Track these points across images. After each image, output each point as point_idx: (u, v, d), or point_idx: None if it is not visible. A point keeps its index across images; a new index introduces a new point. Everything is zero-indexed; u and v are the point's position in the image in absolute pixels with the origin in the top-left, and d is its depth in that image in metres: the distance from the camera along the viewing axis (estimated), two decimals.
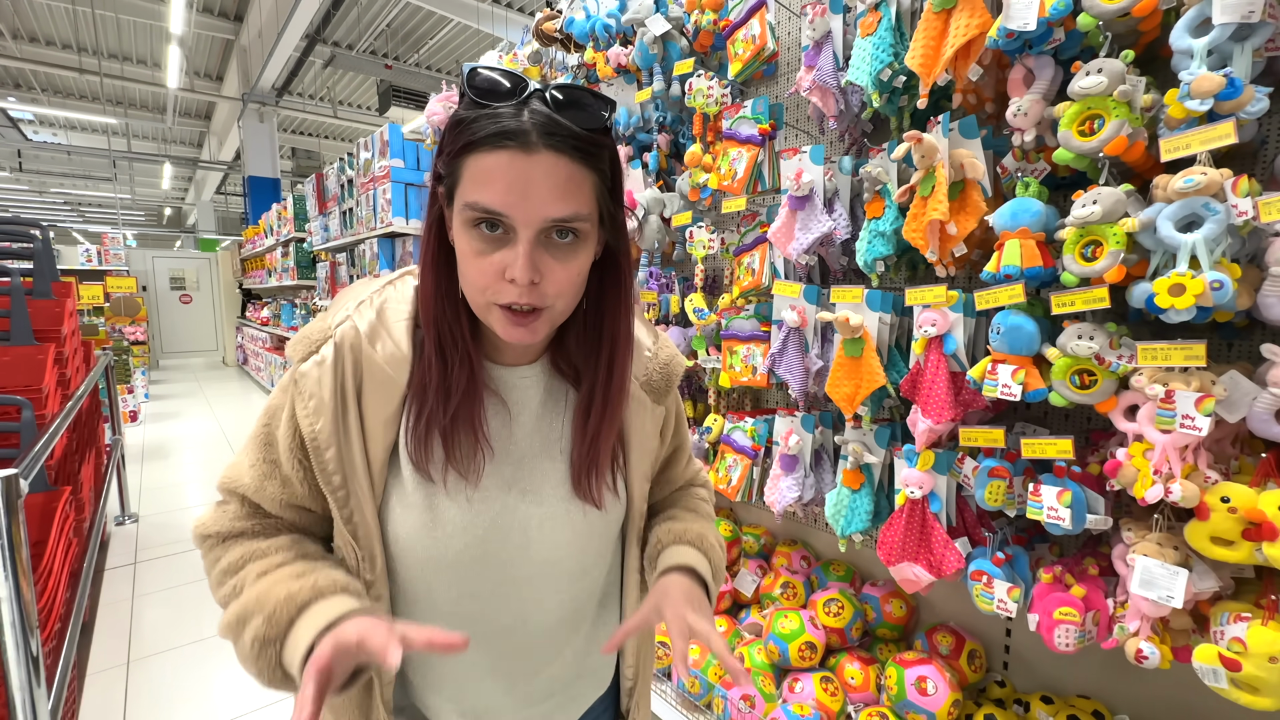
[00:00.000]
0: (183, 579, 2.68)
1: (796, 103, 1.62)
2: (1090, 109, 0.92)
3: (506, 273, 0.51)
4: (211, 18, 8.41)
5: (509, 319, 0.53)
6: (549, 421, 0.64)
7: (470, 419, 0.58)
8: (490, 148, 0.49)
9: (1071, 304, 0.94)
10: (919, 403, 1.14)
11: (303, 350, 0.58)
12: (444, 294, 0.57)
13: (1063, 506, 0.97)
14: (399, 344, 0.58)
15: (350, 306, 0.60)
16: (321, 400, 0.56)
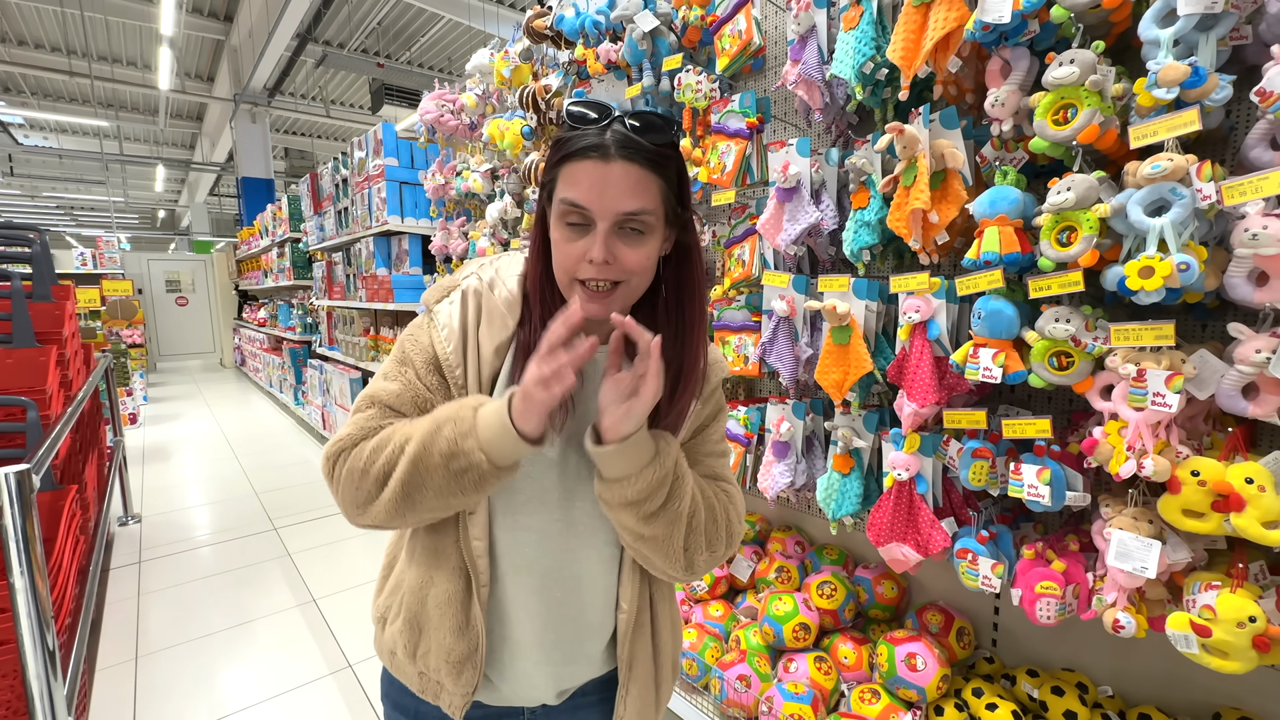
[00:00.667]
0: (187, 577, 2.71)
1: (784, 96, 1.65)
2: (1064, 98, 0.95)
3: (586, 255, 0.64)
4: (201, 18, 8.37)
5: (586, 294, 0.66)
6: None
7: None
8: (578, 158, 0.63)
9: (1048, 288, 0.98)
10: (905, 387, 1.17)
11: (437, 295, 0.75)
12: (543, 274, 0.71)
13: (1042, 484, 1.00)
14: (512, 291, 0.73)
15: (473, 268, 0.76)
16: (452, 329, 0.71)
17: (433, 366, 0.72)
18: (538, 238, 0.71)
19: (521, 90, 2.07)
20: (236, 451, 4.87)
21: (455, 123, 2.65)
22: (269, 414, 6.47)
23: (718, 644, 1.56)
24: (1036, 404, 1.28)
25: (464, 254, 2.79)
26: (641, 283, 0.68)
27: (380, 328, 3.91)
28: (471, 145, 2.69)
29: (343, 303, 4.22)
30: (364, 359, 4.01)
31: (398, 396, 0.71)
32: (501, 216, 2.46)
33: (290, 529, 3.24)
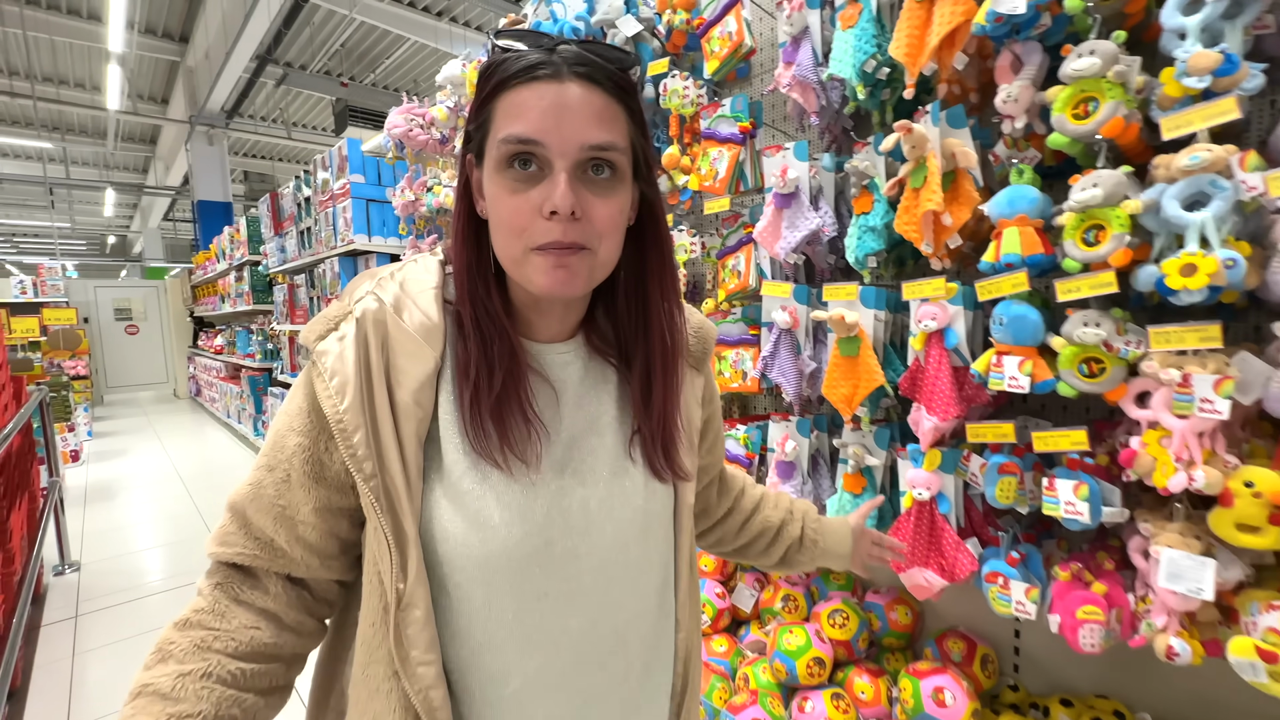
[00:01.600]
0: (130, 631, 2.46)
1: (772, 102, 1.60)
2: (1084, 91, 0.91)
3: (545, 206, 0.49)
4: (155, 39, 8.11)
5: (550, 261, 0.50)
6: (593, 399, 0.61)
7: (518, 397, 0.54)
8: (522, 81, 0.49)
9: (1077, 290, 0.92)
10: (922, 400, 1.10)
11: (319, 329, 0.54)
12: (476, 267, 0.55)
13: (1080, 500, 0.93)
14: (428, 313, 0.54)
15: (369, 285, 0.56)
16: (345, 376, 0.51)
17: (311, 458, 0.52)
18: (462, 221, 0.55)
19: None
20: (190, 488, 4.56)
21: (425, 137, 2.54)
22: (226, 446, 6.13)
23: (725, 684, 1.44)
24: (1052, 413, 1.22)
25: None
26: (610, 253, 0.54)
27: None
28: (443, 160, 2.59)
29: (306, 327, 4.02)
30: None
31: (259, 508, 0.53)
32: None
33: None
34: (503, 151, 0.49)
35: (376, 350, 0.51)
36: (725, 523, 0.85)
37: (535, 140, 0.48)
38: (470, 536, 0.51)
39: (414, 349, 0.52)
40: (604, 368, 0.62)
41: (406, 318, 0.53)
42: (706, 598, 1.58)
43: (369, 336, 0.52)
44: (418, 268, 0.58)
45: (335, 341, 0.52)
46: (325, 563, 0.56)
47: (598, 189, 0.51)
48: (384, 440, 0.50)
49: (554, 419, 0.57)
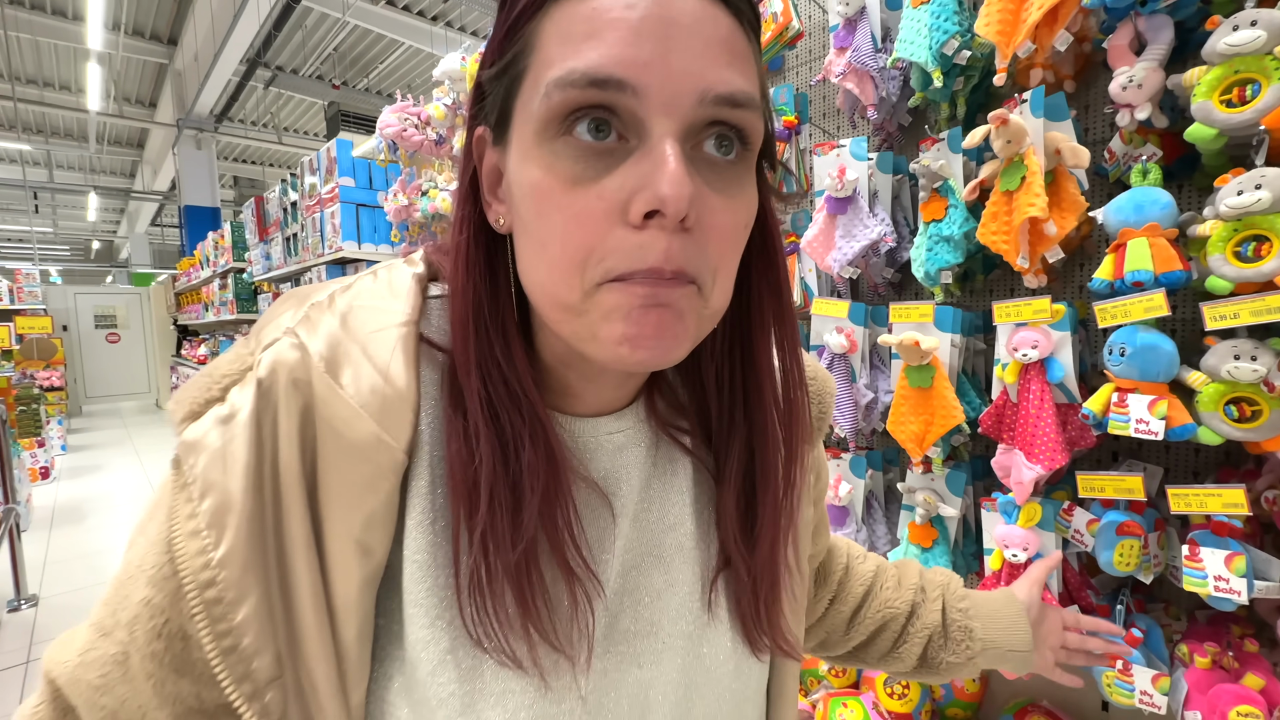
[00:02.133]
0: None
1: (819, 94, 1.43)
2: (1239, 72, 0.74)
3: (638, 200, 0.27)
4: (142, 40, 7.91)
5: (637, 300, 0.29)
6: (658, 508, 0.39)
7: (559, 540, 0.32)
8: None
9: (1235, 316, 0.74)
10: (1018, 444, 0.92)
11: (194, 399, 0.31)
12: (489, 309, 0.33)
13: (1235, 575, 0.76)
14: (389, 372, 0.31)
15: (289, 316, 0.33)
16: (226, 497, 0.29)
17: (169, 631, 0.30)
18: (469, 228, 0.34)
19: None
20: None
21: (420, 137, 2.36)
22: None
23: None
24: (1151, 454, 1.04)
25: None
26: (724, 293, 0.33)
27: None
28: (439, 162, 2.41)
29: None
30: None
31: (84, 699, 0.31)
32: None
33: None
34: (557, 105, 0.28)
35: (292, 439, 0.29)
36: (827, 619, 0.63)
37: (622, 81, 0.27)
38: None
39: (359, 444, 0.30)
40: (672, 452, 0.41)
41: (349, 380, 0.31)
42: None
43: (279, 418, 0.29)
44: (376, 287, 0.35)
45: (216, 428, 0.30)
46: None
47: (719, 182, 0.30)
48: (301, 612, 0.29)
49: (604, 551, 0.36)
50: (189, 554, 0.28)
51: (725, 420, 0.39)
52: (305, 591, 0.29)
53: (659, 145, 0.28)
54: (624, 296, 0.29)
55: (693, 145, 0.30)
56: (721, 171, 0.31)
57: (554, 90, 0.28)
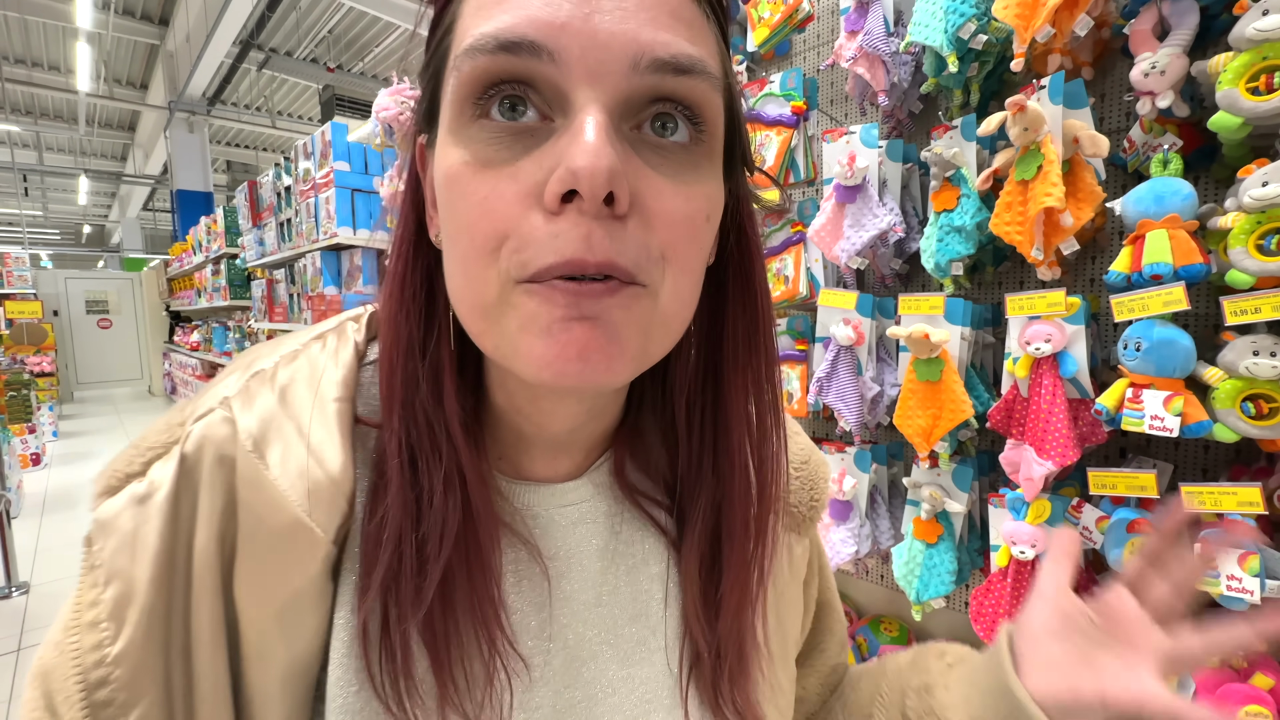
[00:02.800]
0: None
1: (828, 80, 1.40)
2: (1267, 59, 0.71)
3: (552, 180, 0.23)
4: (133, 21, 7.76)
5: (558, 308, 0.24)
6: (624, 592, 0.35)
7: (474, 600, 0.29)
8: None
9: (1256, 311, 0.73)
10: (1028, 439, 0.91)
11: (115, 473, 0.28)
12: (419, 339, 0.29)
13: (1249, 575, 0.74)
14: (320, 453, 0.28)
15: (231, 383, 0.30)
16: (130, 585, 0.25)
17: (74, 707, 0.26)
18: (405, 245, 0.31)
19: None
20: None
21: None
22: None
23: None
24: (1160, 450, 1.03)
25: None
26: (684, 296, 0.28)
27: None
28: None
29: (285, 325, 3.76)
30: None
31: None
32: None
33: None
34: (468, 77, 0.25)
35: (210, 527, 0.26)
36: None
37: (535, 44, 0.23)
38: None
39: (286, 526, 0.27)
40: (644, 527, 0.36)
41: (277, 461, 0.27)
42: None
43: (199, 498, 0.26)
44: (319, 356, 0.31)
45: (130, 508, 0.26)
46: None
47: (666, 162, 0.26)
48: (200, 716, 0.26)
49: (544, 633, 0.32)
50: (84, 648, 0.25)
51: (693, 469, 0.35)
52: (207, 691, 0.26)
53: (580, 114, 0.24)
54: (542, 304, 0.25)
55: (632, 125, 0.26)
56: (670, 154, 0.26)
57: (464, 61, 0.25)
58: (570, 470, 0.35)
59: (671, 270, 0.27)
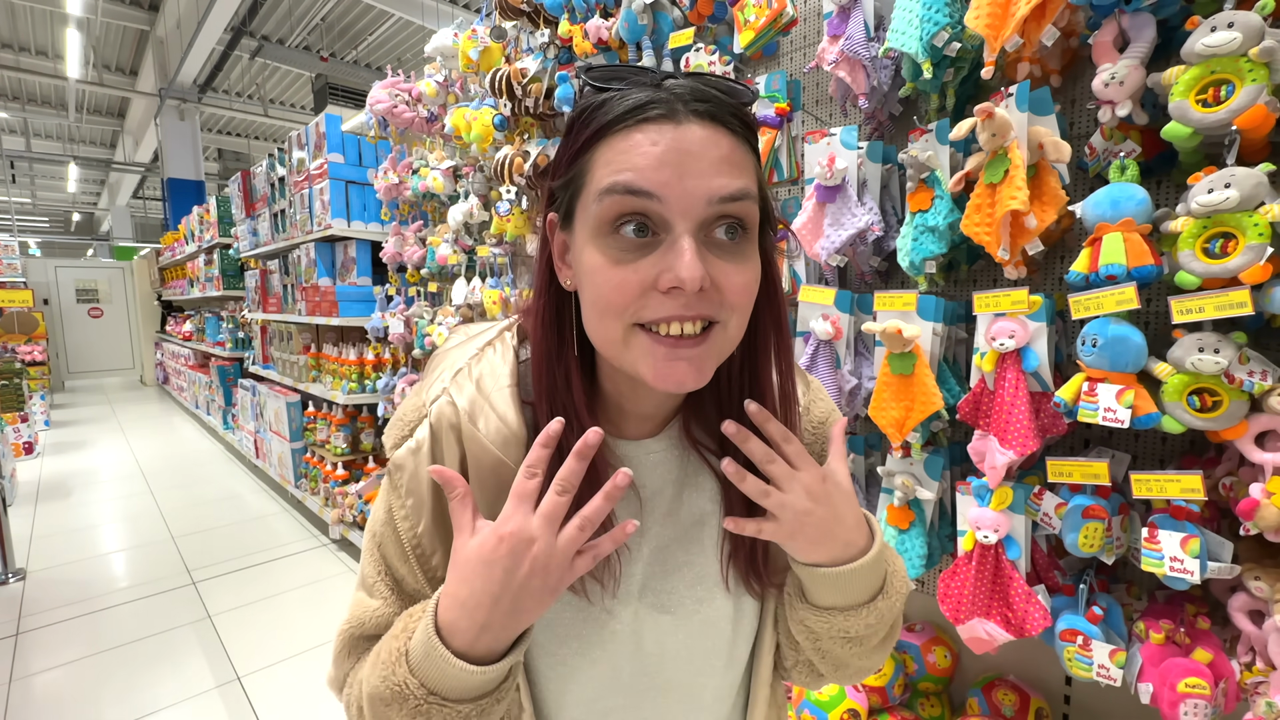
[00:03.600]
0: (82, 649, 2.25)
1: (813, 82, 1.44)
2: (1215, 73, 0.76)
3: (663, 279, 0.39)
4: (123, 6, 7.66)
5: (665, 347, 0.41)
6: (688, 507, 0.53)
7: None
8: (630, 124, 0.40)
9: (1200, 310, 0.77)
10: (992, 430, 0.96)
11: (396, 435, 0.49)
12: (556, 354, 0.47)
13: (1190, 557, 0.80)
14: (506, 419, 0.47)
15: (446, 378, 0.50)
16: (420, 498, 0.47)
17: (406, 557, 0.49)
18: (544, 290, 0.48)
19: (493, 74, 1.79)
20: (152, 485, 4.30)
21: (411, 114, 2.33)
22: (194, 439, 5.85)
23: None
24: (1121, 442, 1.08)
25: (421, 262, 2.46)
26: (739, 330, 0.45)
27: (323, 344, 3.50)
28: (430, 140, 2.39)
29: (279, 316, 3.78)
30: (303, 379, 3.58)
31: (378, 620, 0.49)
32: (466, 220, 2.16)
33: (212, 583, 2.79)
34: (606, 209, 0.40)
35: (454, 463, 0.47)
36: None
37: (649, 192, 0.39)
38: (536, 659, 0.49)
39: (492, 462, 0.46)
40: (701, 467, 0.54)
41: (483, 426, 0.47)
42: None
43: (445, 447, 0.47)
44: (494, 359, 0.51)
45: (410, 455, 0.48)
46: None
47: (728, 254, 0.42)
48: None
49: (639, 535, 0.51)
50: (404, 529, 0.48)
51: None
52: None
53: (680, 240, 0.39)
54: (653, 345, 0.41)
55: (706, 234, 0.41)
56: (729, 249, 0.42)
57: (602, 197, 0.40)
58: (652, 430, 0.53)
59: (735, 313, 0.43)
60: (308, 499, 3.47)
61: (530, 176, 1.77)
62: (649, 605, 0.50)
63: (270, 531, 3.40)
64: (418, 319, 2.43)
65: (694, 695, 0.53)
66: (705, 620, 0.52)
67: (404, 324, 2.47)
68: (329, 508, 3.20)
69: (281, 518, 3.63)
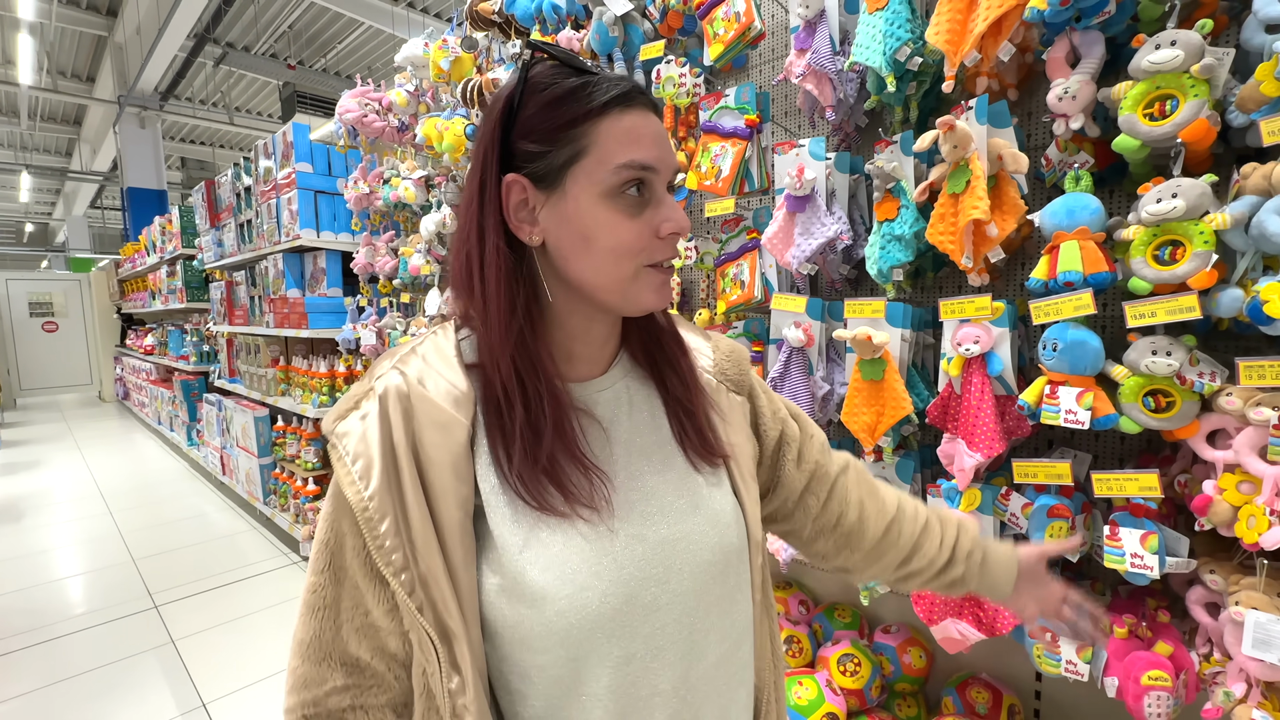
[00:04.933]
0: (38, 680, 2.14)
1: (782, 94, 1.46)
2: (1160, 88, 0.80)
3: (665, 227, 0.50)
4: (78, 10, 7.43)
5: (661, 279, 0.52)
6: (646, 428, 0.57)
7: (569, 449, 0.50)
8: (629, 106, 0.49)
9: (1152, 315, 0.81)
10: (960, 433, 0.98)
11: (339, 411, 0.51)
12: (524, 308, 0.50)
13: (1149, 553, 0.82)
14: (454, 382, 0.51)
15: (390, 362, 0.53)
16: (369, 458, 0.47)
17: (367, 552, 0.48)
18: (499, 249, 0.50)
19: (465, 84, 1.79)
20: (111, 506, 4.13)
21: (382, 124, 2.31)
22: (156, 457, 5.64)
23: None
24: (1083, 443, 1.12)
25: (393, 272, 2.43)
26: None
27: (292, 357, 3.42)
28: (401, 149, 2.36)
29: (246, 329, 3.68)
30: (272, 393, 3.48)
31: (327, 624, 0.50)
32: (439, 230, 2.14)
33: (176, 606, 2.68)
34: (622, 177, 0.48)
35: (401, 426, 0.48)
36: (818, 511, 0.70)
37: (653, 167, 0.49)
38: (545, 611, 0.47)
39: (444, 419, 0.49)
40: (647, 389, 0.59)
41: (432, 387, 0.50)
42: None
43: (391, 412, 0.48)
44: (437, 338, 0.55)
45: (357, 421, 0.49)
46: None
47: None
48: (415, 526, 0.46)
49: (609, 460, 0.54)
50: (351, 495, 0.47)
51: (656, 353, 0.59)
52: (418, 511, 0.46)
53: (664, 198, 0.51)
54: (656, 275, 0.51)
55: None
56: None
57: (623, 169, 0.48)
58: (598, 371, 0.57)
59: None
60: (277, 515, 3.37)
61: None
62: (639, 521, 0.52)
63: (237, 550, 3.29)
64: (390, 330, 2.40)
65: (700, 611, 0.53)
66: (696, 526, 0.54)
67: (376, 335, 2.43)
68: (300, 524, 3.11)
69: (249, 536, 3.51)
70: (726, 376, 0.63)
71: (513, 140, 0.49)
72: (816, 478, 0.67)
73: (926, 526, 0.69)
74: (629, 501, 0.52)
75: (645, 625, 0.50)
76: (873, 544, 0.68)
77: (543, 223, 0.50)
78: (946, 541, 0.69)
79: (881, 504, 0.69)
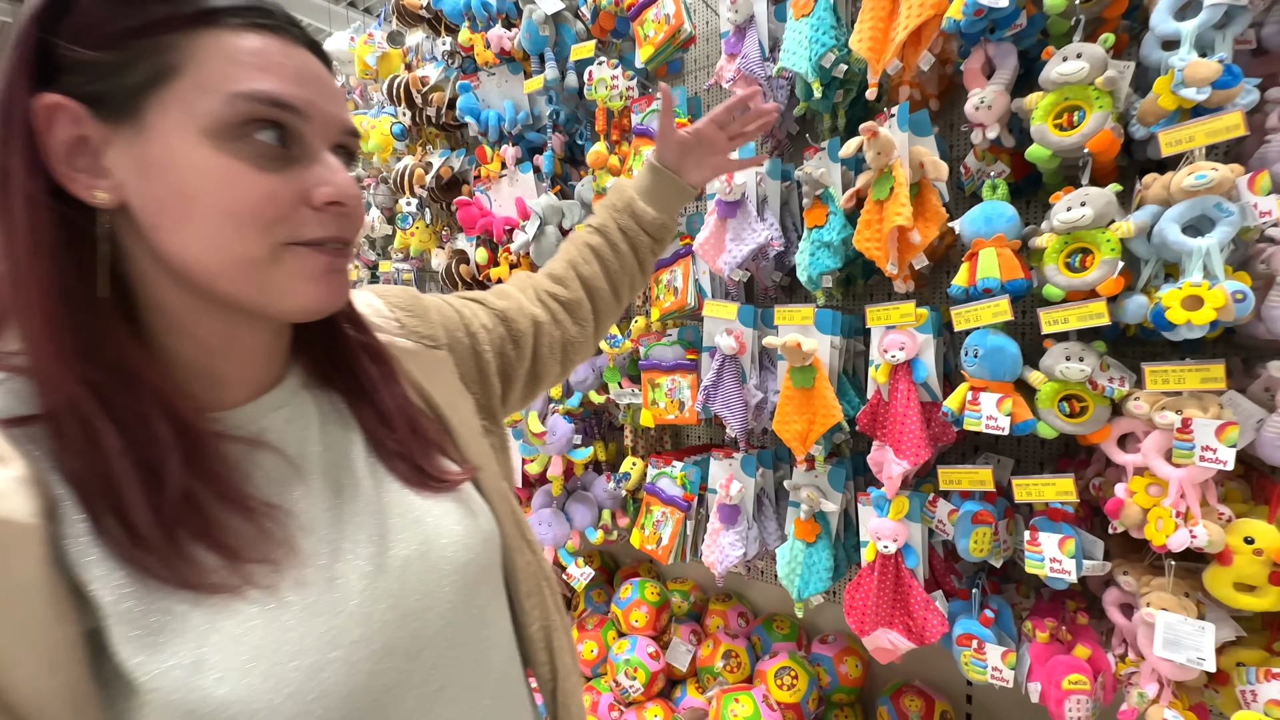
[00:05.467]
0: None
1: (714, 98, 1.45)
2: (1068, 100, 0.81)
3: (319, 193, 0.37)
4: None
5: (322, 265, 0.39)
6: (343, 449, 0.46)
7: (219, 489, 0.36)
8: (243, 22, 0.35)
9: (1065, 321, 0.82)
10: (888, 440, 0.97)
11: None
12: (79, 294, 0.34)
13: (1067, 557, 0.83)
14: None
15: None
16: None
17: None
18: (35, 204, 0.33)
19: (391, 81, 1.70)
20: None
21: None
22: None
23: None
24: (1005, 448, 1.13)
25: None
26: None
27: None
28: None
29: None
30: None
31: None
32: (368, 234, 2.03)
33: None
34: (238, 112, 0.34)
35: None
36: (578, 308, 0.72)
37: (295, 108, 0.36)
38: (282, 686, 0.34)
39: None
40: (333, 400, 0.48)
41: None
42: (638, 660, 1.38)
43: None
44: None
45: None
46: None
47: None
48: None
49: (304, 488, 0.41)
50: None
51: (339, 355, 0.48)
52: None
53: (325, 158, 0.39)
54: (310, 260, 0.38)
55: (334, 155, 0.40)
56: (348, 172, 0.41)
57: (239, 100, 0.34)
58: (264, 387, 0.43)
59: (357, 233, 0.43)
60: None
61: (432, 189, 1.68)
62: (364, 549, 0.41)
63: None
64: None
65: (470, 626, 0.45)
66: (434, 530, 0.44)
67: None
68: None
69: None
70: (413, 331, 0.55)
71: (60, 43, 0.32)
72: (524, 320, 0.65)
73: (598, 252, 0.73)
74: (336, 533, 0.41)
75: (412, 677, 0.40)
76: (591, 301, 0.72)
77: (116, 174, 0.34)
78: (612, 238, 0.73)
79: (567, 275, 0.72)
